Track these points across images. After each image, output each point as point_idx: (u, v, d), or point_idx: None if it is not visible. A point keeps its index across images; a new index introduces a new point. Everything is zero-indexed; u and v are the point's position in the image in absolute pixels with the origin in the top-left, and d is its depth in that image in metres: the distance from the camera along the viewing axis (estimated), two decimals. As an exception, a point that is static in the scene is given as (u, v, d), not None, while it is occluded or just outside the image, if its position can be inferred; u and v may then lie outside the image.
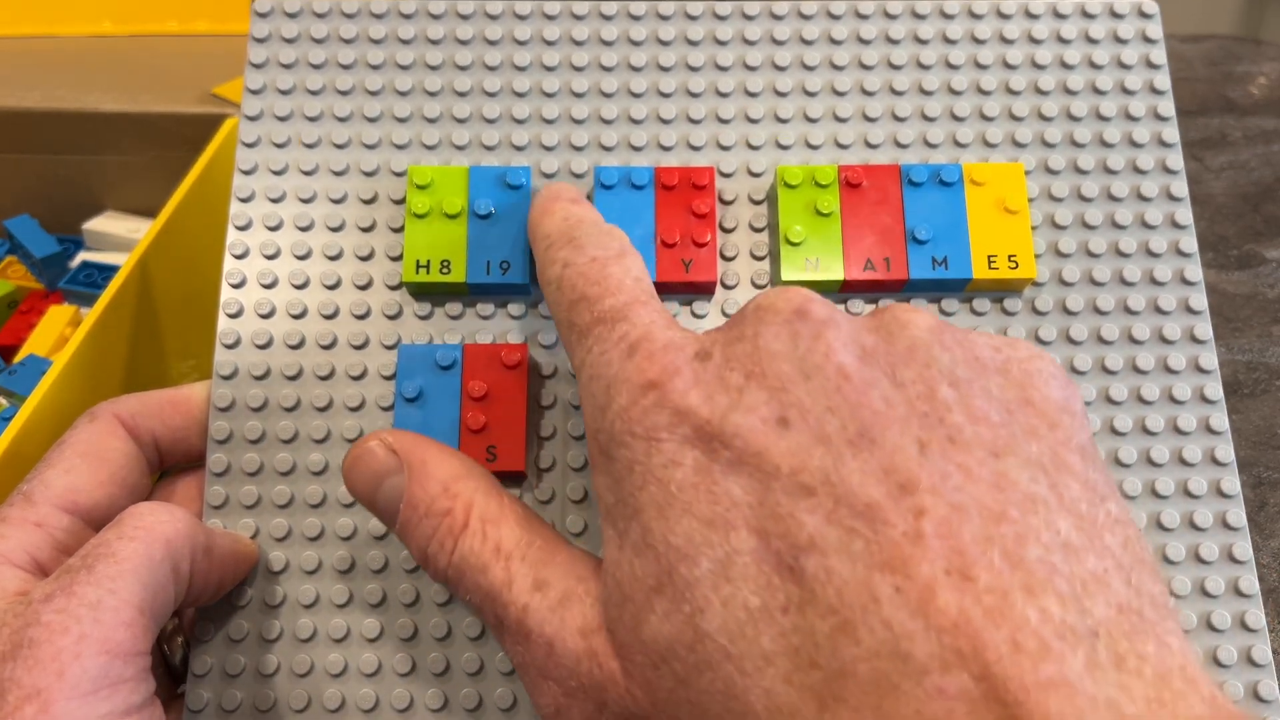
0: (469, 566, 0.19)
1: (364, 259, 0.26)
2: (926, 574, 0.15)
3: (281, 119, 0.27)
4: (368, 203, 0.27)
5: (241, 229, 0.26)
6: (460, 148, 0.27)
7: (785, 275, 0.26)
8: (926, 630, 0.14)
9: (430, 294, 0.26)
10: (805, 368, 0.17)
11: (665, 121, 0.28)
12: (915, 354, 0.17)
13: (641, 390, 0.18)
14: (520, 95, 0.28)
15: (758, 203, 0.27)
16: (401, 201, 0.27)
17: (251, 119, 0.27)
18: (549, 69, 0.28)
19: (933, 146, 0.28)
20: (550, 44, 0.28)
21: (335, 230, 0.27)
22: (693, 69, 0.28)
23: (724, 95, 0.28)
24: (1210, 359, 0.26)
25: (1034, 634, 0.14)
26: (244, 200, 0.27)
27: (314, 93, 0.27)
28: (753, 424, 0.16)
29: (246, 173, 0.27)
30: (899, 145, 0.28)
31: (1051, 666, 0.14)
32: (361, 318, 0.26)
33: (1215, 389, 0.26)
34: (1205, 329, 0.26)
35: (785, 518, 0.16)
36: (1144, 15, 0.28)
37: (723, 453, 0.16)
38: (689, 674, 0.16)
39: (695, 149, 0.27)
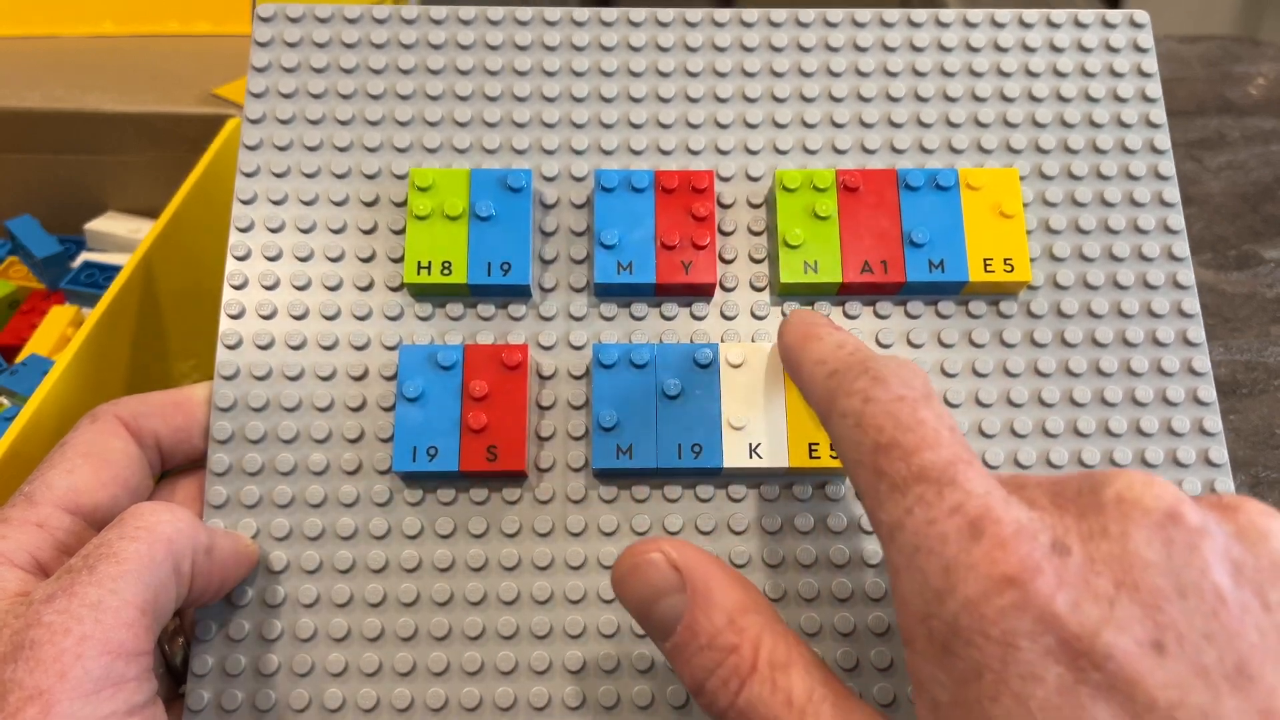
0: (756, 715, 0.18)
1: (365, 260, 0.27)
2: None
3: (284, 122, 0.27)
4: (369, 205, 0.27)
5: (243, 231, 0.27)
6: (461, 151, 0.27)
7: (784, 277, 0.26)
8: None
9: (431, 295, 0.26)
10: (1181, 584, 0.15)
11: (665, 126, 0.28)
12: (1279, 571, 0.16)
13: (997, 586, 0.16)
14: (521, 99, 0.28)
15: (756, 206, 0.27)
16: (403, 204, 0.27)
17: (254, 122, 0.27)
18: (550, 74, 0.28)
19: (929, 152, 0.28)
20: (551, 49, 0.28)
21: (337, 232, 0.27)
22: (692, 74, 0.28)
23: (723, 100, 0.28)
24: (1203, 361, 0.26)
25: None
26: (246, 202, 0.27)
27: (316, 96, 0.28)
28: (1127, 646, 0.15)
29: (248, 175, 0.27)
30: (895, 150, 0.28)
31: None
32: (363, 319, 0.26)
33: (1209, 391, 0.26)
34: (1198, 332, 0.26)
35: None
36: (1135, 25, 0.29)
37: (1092, 674, 0.15)
38: None
39: (694, 153, 0.28)
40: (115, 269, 0.45)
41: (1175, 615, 0.15)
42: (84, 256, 0.47)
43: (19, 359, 0.39)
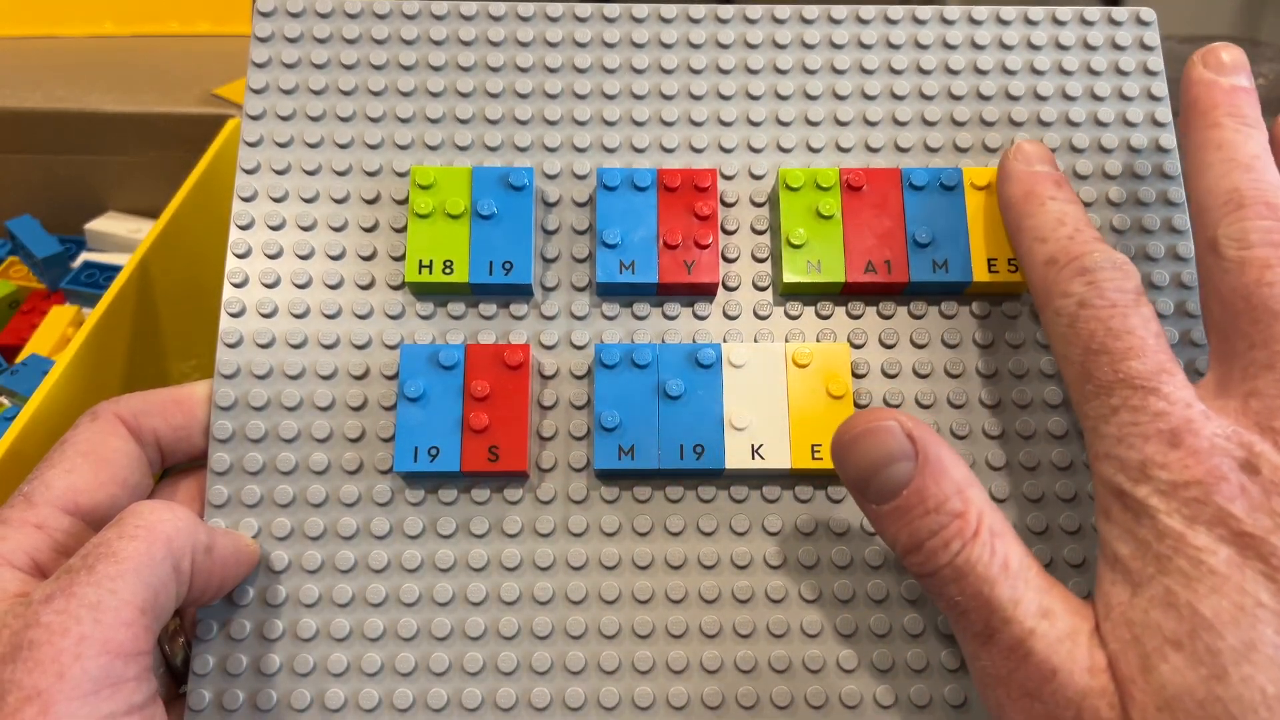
0: (974, 574, 0.20)
1: (366, 258, 0.27)
2: None
3: (284, 118, 0.27)
4: (370, 202, 0.27)
5: (244, 228, 0.27)
6: (463, 148, 0.27)
7: (787, 277, 0.26)
8: None
9: (433, 294, 0.26)
10: None
11: (668, 123, 0.28)
12: None
13: (1186, 483, 0.19)
14: (523, 96, 0.28)
15: (759, 205, 0.27)
16: (404, 201, 0.27)
17: (254, 118, 0.27)
18: (552, 70, 0.28)
19: (933, 150, 0.28)
20: (553, 45, 0.28)
21: (338, 230, 0.27)
22: (695, 71, 0.28)
23: (726, 98, 0.28)
24: (1208, 362, 0.26)
25: None
26: (246, 199, 0.27)
27: (317, 92, 0.28)
28: None
29: (249, 172, 0.27)
30: (899, 149, 0.28)
31: None
32: (364, 317, 0.26)
33: (1213, 392, 0.26)
34: (1203, 333, 0.26)
35: None
36: (1141, 23, 0.29)
37: (1256, 563, 0.18)
38: None
39: (697, 151, 0.28)
40: (115, 269, 0.45)
41: None
42: (84, 256, 0.47)
43: (19, 359, 0.39)
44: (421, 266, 0.25)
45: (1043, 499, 0.25)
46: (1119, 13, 0.29)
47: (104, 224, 0.48)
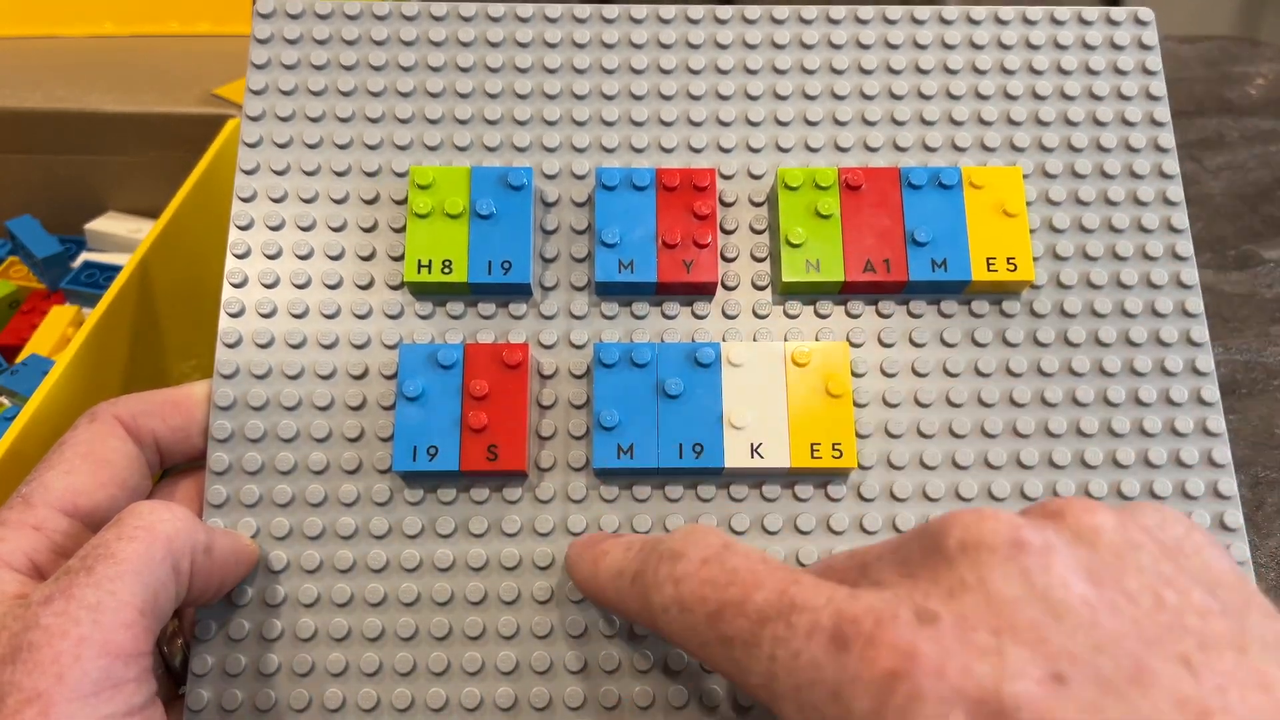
0: None
1: (365, 259, 0.27)
2: None
3: (283, 119, 0.27)
4: (369, 203, 0.27)
5: (243, 228, 0.27)
6: (462, 148, 0.27)
7: (785, 276, 0.26)
8: None
9: (432, 294, 0.26)
10: (1052, 608, 0.15)
11: (666, 124, 0.28)
12: (1124, 561, 0.16)
13: (886, 687, 0.15)
14: (522, 97, 0.28)
15: (758, 204, 0.27)
16: (403, 202, 0.27)
17: (253, 119, 0.27)
18: (551, 71, 0.28)
19: (931, 150, 0.28)
20: (552, 46, 0.28)
21: (337, 230, 0.27)
22: (694, 72, 0.28)
23: (725, 98, 0.28)
24: (1207, 361, 0.26)
25: None
26: (246, 200, 0.27)
27: (316, 93, 0.28)
28: (1030, 689, 0.15)
29: (248, 172, 0.27)
30: (898, 148, 0.28)
31: None
32: (363, 317, 0.26)
33: (1212, 391, 0.26)
34: (1202, 331, 0.26)
35: None
36: (1140, 22, 0.29)
37: None
38: None
39: (696, 151, 0.28)
40: (115, 269, 0.45)
41: (1061, 641, 0.15)
42: (84, 256, 0.47)
43: (19, 359, 0.39)
44: (420, 266, 0.25)
45: (1041, 498, 0.25)
46: (1117, 12, 0.29)
47: (104, 224, 0.48)
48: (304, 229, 0.27)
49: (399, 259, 0.27)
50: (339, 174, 0.27)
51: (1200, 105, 0.59)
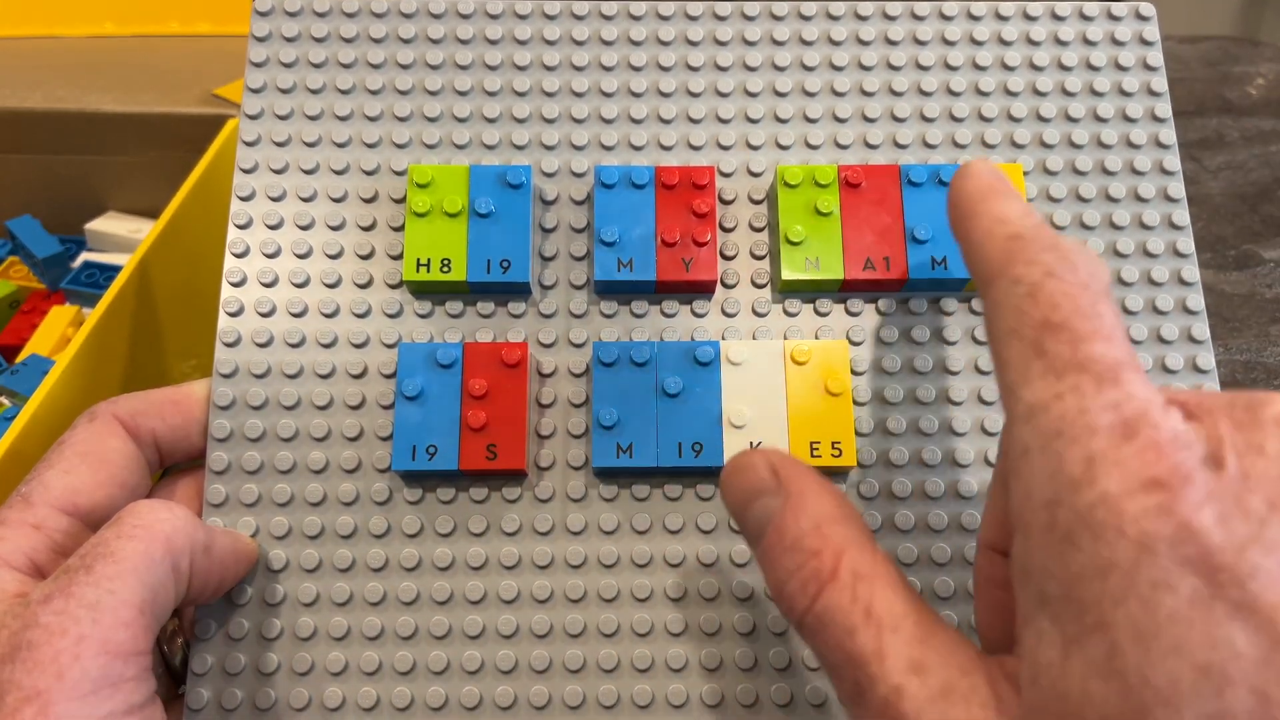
0: (833, 623, 0.17)
1: (364, 257, 0.26)
2: None
3: (282, 117, 0.27)
4: (368, 201, 0.27)
5: (242, 227, 0.27)
6: (461, 146, 0.27)
7: (785, 274, 0.26)
8: None
9: (431, 292, 0.26)
10: None
11: (665, 121, 0.28)
12: None
13: (1143, 487, 0.15)
14: (521, 94, 0.28)
15: (758, 202, 0.27)
16: (402, 200, 0.27)
17: (252, 117, 0.27)
18: (549, 68, 0.28)
19: (931, 147, 0.28)
20: (551, 43, 0.28)
21: (336, 228, 0.27)
22: (693, 69, 0.28)
23: (724, 95, 0.28)
24: (1208, 359, 0.26)
25: None
26: (244, 198, 0.27)
27: (315, 91, 0.27)
28: (1272, 568, 0.14)
29: (247, 171, 0.27)
30: (898, 145, 0.28)
31: None
32: (362, 316, 0.26)
33: (1213, 389, 0.26)
34: (1203, 329, 0.26)
35: None
36: (1141, 18, 0.29)
37: (1231, 591, 0.14)
38: None
39: (695, 148, 0.27)
40: (115, 269, 0.45)
41: None
42: (84, 256, 0.47)
43: (19, 359, 0.39)
44: (419, 265, 0.25)
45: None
46: (1118, 8, 0.29)
47: (104, 224, 0.48)
48: (303, 228, 0.27)
49: (398, 258, 0.27)
50: (338, 172, 0.27)
51: (1200, 105, 0.59)
